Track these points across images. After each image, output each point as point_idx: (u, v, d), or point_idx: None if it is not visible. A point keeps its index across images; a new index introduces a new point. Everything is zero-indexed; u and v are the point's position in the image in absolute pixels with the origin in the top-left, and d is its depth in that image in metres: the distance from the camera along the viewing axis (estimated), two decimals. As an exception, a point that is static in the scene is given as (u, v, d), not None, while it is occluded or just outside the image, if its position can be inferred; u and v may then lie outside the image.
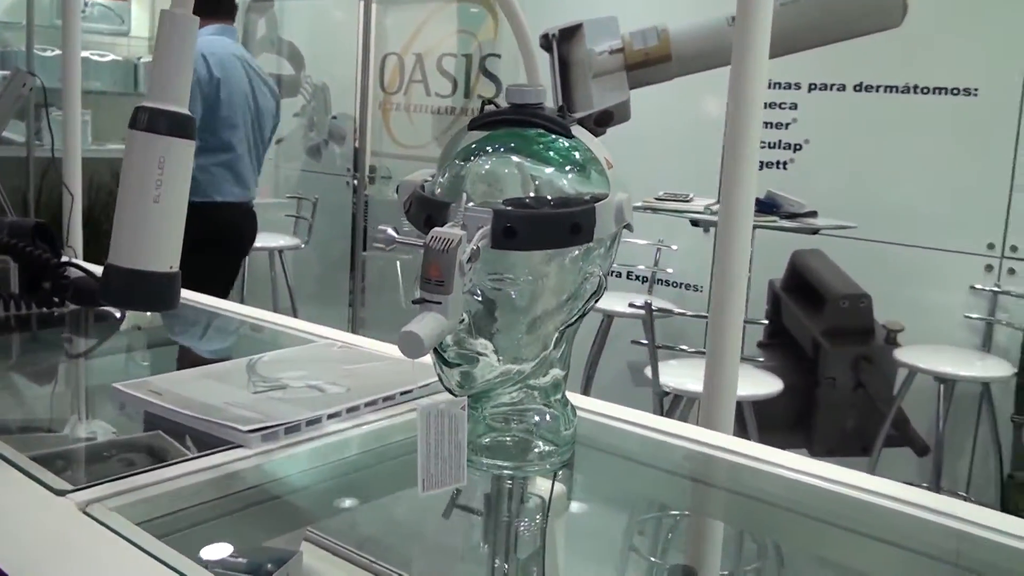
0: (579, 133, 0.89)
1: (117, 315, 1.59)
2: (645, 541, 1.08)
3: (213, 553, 0.83)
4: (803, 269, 3.60)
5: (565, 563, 0.95)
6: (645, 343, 2.99)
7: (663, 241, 3.99)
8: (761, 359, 3.23)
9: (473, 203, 0.80)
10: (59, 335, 1.57)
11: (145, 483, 0.85)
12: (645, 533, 1.10)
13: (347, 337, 1.44)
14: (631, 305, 3.12)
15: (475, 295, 0.85)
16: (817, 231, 3.40)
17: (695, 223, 3.66)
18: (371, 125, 5.05)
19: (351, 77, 5.01)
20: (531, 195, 0.84)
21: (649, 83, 4.04)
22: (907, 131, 3.41)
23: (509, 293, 0.85)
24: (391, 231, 0.80)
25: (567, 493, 1.00)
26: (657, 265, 4.05)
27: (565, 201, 0.84)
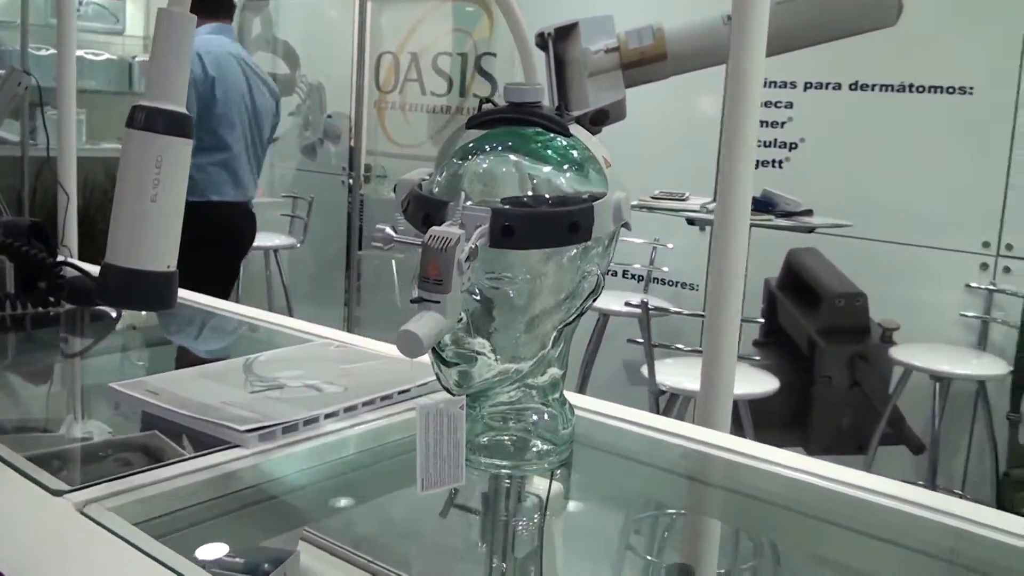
0: (577, 132, 0.89)
1: (113, 315, 1.59)
2: (642, 540, 1.08)
3: (210, 553, 0.83)
4: (799, 268, 3.60)
5: (562, 562, 0.95)
6: (641, 342, 2.99)
7: (659, 240, 3.99)
8: (757, 358, 3.23)
9: (471, 202, 0.80)
10: (55, 335, 1.56)
11: (142, 483, 0.85)
12: (642, 532, 1.10)
13: (344, 336, 1.44)
14: (627, 304, 3.12)
15: (473, 294, 0.85)
16: (813, 229, 3.40)
17: (691, 222, 3.67)
18: (366, 124, 5.05)
19: (346, 76, 5.01)
20: (529, 194, 0.84)
21: (645, 82, 4.04)
22: (903, 130, 3.41)
23: (507, 292, 0.85)
24: (389, 230, 0.80)
25: (565, 492, 1.00)
26: (653, 264, 4.05)
27: (563, 200, 0.84)
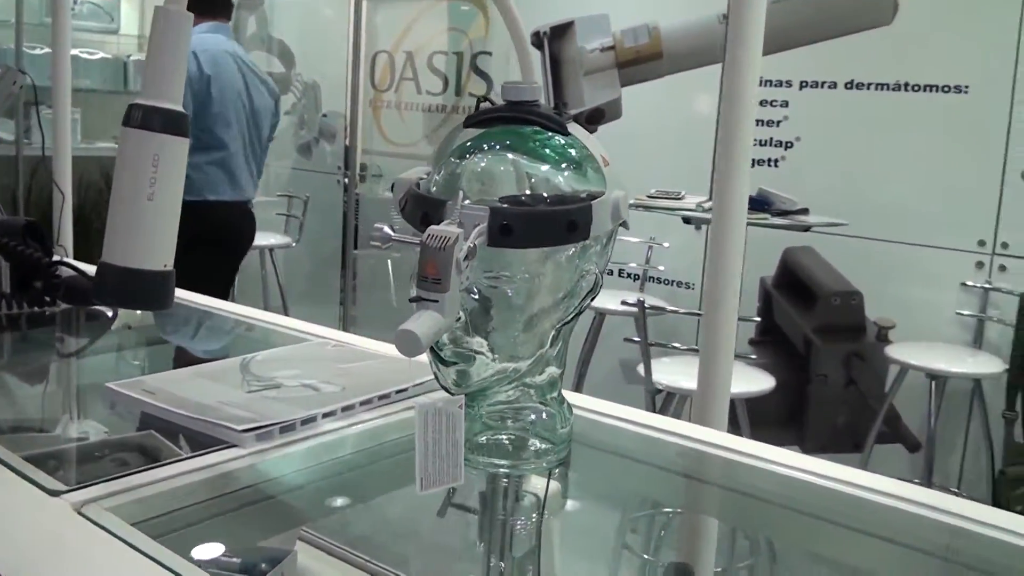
0: (575, 130, 0.89)
1: (109, 314, 1.58)
2: (639, 538, 1.08)
3: (208, 553, 0.82)
4: (794, 266, 3.60)
5: (560, 561, 0.95)
6: (638, 341, 2.99)
7: (655, 239, 3.99)
8: (753, 356, 3.23)
9: (469, 201, 0.80)
10: (51, 334, 1.56)
11: (139, 483, 0.85)
12: (639, 530, 1.10)
13: (341, 336, 1.43)
14: (624, 303, 3.12)
15: (471, 293, 0.85)
16: (809, 228, 3.41)
17: (687, 220, 3.67)
18: (362, 123, 5.04)
19: (341, 75, 5.01)
20: (527, 193, 0.84)
21: (640, 81, 4.04)
22: (898, 128, 3.42)
23: (505, 291, 0.85)
24: (387, 229, 0.79)
25: (563, 491, 1.00)
26: (649, 263, 4.05)
27: (561, 199, 0.83)
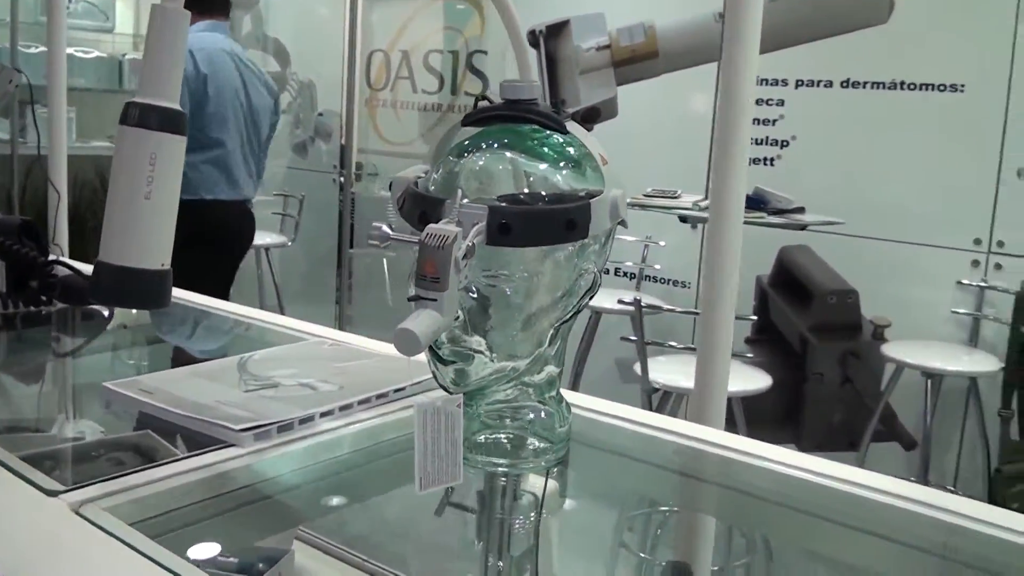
0: (573, 129, 0.89)
1: (105, 313, 1.58)
2: (637, 537, 1.08)
3: (205, 552, 0.82)
4: (791, 265, 3.60)
5: (558, 560, 0.94)
6: (634, 339, 2.99)
7: (651, 237, 3.99)
8: (749, 355, 3.23)
9: (468, 199, 0.80)
10: (47, 334, 1.56)
11: (137, 483, 0.85)
12: (637, 529, 1.10)
13: (338, 335, 1.43)
14: (620, 302, 3.12)
15: (470, 292, 0.84)
16: (805, 227, 3.41)
17: (683, 219, 3.67)
18: (357, 122, 5.04)
19: (337, 74, 5.00)
20: (526, 191, 0.84)
21: (636, 79, 4.03)
22: (894, 127, 3.42)
23: (504, 290, 0.85)
24: (385, 227, 0.79)
25: (561, 490, 1.00)
26: (645, 261, 4.05)
27: (560, 197, 0.83)
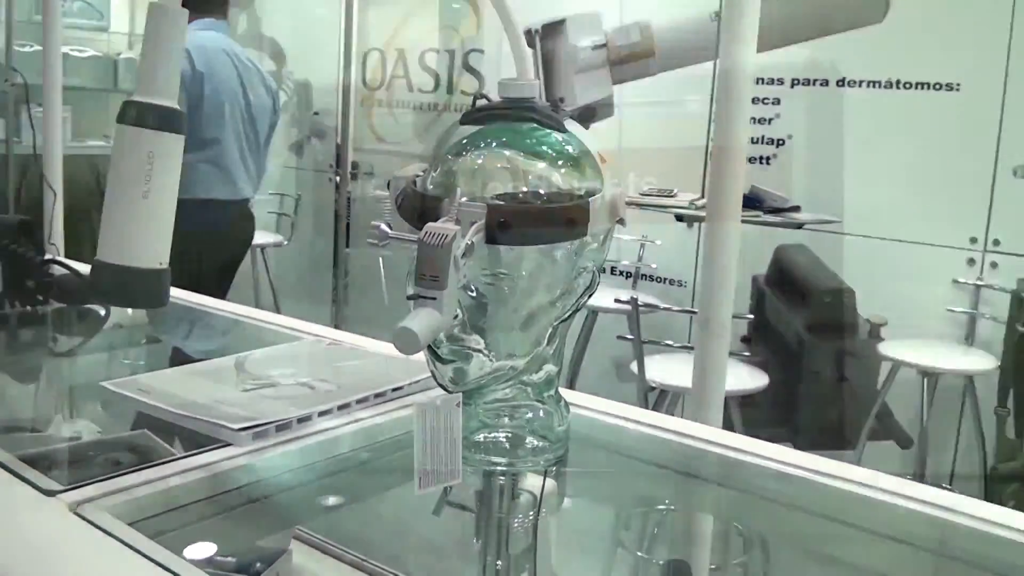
0: (572, 127, 0.88)
1: (101, 313, 1.58)
2: (636, 535, 1.08)
3: (203, 552, 0.82)
4: (787, 264, 3.60)
5: (556, 559, 0.94)
6: (631, 338, 2.99)
7: (646, 236, 3.99)
8: (746, 353, 3.23)
9: (467, 198, 0.80)
10: (43, 333, 1.55)
11: (135, 482, 0.85)
12: (636, 527, 1.10)
13: (336, 334, 1.43)
14: (617, 300, 3.11)
15: (469, 291, 0.84)
16: (801, 226, 3.40)
17: (680, 218, 3.67)
18: (353, 121, 5.03)
19: (333, 73, 4.99)
20: (524, 190, 0.83)
21: (632, 79, 4.04)
22: (890, 126, 3.42)
23: (503, 288, 0.85)
24: (384, 226, 0.79)
25: (559, 489, 1.00)
26: (641, 260, 4.05)
27: (559, 196, 0.83)
